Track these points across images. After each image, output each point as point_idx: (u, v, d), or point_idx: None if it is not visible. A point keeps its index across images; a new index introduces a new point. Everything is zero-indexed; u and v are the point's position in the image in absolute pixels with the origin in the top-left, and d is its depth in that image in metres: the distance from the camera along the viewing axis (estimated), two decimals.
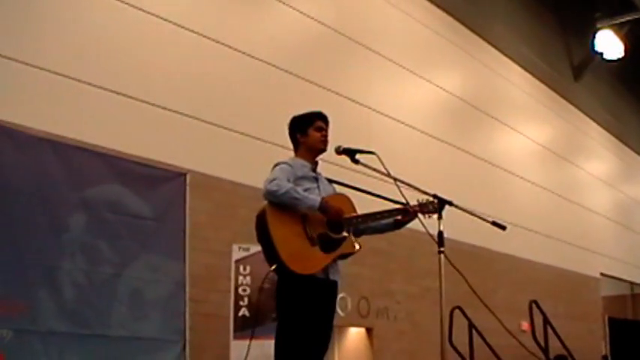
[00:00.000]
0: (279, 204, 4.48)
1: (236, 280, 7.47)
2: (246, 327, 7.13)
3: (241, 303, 7.40)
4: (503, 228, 4.73)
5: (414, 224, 4.89)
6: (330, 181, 5.04)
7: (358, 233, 4.90)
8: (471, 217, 4.87)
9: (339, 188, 5.10)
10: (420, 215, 4.82)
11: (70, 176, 6.48)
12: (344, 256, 4.71)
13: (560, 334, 9.87)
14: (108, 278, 6.57)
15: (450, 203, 4.69)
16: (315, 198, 4.54)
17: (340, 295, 9.20)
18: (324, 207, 4.53)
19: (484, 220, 4.79)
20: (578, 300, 15.84)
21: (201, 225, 7.80)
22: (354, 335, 10.54)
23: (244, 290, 7.42)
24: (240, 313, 7.38)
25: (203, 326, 7.48)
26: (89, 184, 6.62)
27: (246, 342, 6.10)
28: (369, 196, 5.13)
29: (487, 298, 10.64)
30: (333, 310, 4.72)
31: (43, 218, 6.21)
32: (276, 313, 4.59)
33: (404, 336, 10.70)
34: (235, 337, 7.29)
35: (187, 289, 7.16)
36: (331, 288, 4.68)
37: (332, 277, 4.65)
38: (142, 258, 6.85)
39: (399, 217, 4.90)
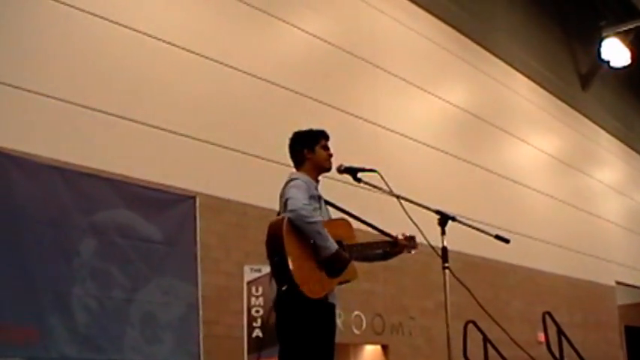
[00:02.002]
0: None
1: (248, 301, 7.46)
2: (260, 348, 7.12)
3: (254, 324, 7.40)
4: (506, 241, 4.72)
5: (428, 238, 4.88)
6: (326, 202, 4.95)
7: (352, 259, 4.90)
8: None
9: (331, 211, 5.03)
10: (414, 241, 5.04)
11: (79, 202, 6.50)
12: (342, 282, 4.68)
13: (578, 343, 9.78)
14: (120, 302, 6.56)
15: (453, 219, 4.66)
16: (333, 244, 4.44)
17: (355, 313, 9.31)
18: (336, 258, 4.47)
19: (487, 234, 4.77)
20: (594, 309, 15.73)
21: (211, 247, 7.81)
22: (370, 352, 10.47)
23: (257, 311, 7.41)
24: (254, 334, 7.37)
25: (217, 348, 7.45)
26: (98, 209, 6.63)
27: None
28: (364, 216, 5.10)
29: (502, 310, 10.69)
30: (334, 333, 4.68)
31: (53, 244, 6.21)
32: (279, 335, 4.54)
33: (420, 352, 10.62)
34: (249, 359, 7.28)
35: (200, 312, 7.13)
36: (330, 310, 4.64)
37: (330, 299, 4.61)
38: (153, 281, 6.85)
39: (388, 249, 5.01)
